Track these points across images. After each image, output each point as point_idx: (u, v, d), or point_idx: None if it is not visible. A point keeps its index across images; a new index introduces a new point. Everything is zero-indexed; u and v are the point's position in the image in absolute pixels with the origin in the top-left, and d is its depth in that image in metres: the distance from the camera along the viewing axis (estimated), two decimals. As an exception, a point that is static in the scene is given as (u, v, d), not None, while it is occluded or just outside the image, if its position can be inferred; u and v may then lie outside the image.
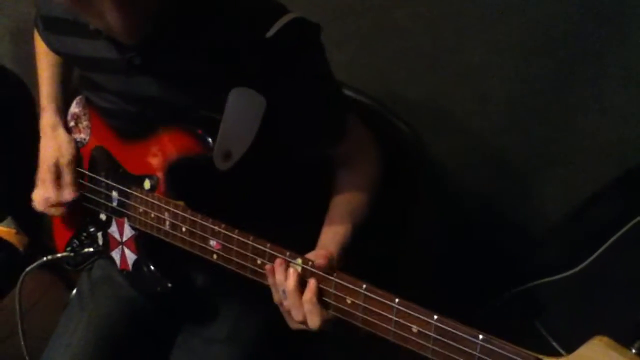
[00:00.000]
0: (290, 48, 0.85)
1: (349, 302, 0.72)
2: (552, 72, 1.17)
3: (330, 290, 0.74)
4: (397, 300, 0.68)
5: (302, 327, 0.80)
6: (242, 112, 0.87)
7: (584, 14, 1.10)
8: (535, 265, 1.14)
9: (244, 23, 0.85)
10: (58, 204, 1.05)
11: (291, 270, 0.78)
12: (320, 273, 0.75)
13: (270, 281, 0.81)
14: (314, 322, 0.77)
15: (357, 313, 0.72)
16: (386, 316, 0.69)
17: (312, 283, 0.76)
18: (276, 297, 0.82)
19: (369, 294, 0.70)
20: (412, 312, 0.67)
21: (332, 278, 0.73)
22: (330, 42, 0.90)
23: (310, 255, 0.81)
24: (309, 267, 0.76)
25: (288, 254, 0.78)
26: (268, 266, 0.81)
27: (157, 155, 0.96)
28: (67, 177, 1.06)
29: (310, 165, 1.01)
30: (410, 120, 1.08)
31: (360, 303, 0.71)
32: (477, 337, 0.61)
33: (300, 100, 0.89)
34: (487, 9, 1.13)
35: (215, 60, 0.87)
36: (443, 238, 1.33)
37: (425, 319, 0.65)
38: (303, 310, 0.77)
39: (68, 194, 1.05)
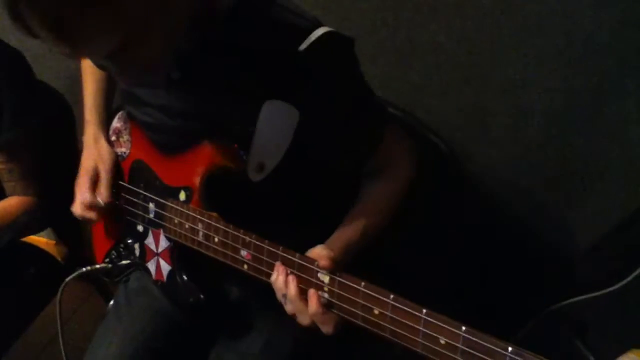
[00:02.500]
0: (323, 61, 0.86)
1: (376, 312, 0.71)
2: (593, 84, 1.14)
3: (358, 300, 0.73)
4: (424, 310, 0.67)
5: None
6: (275, 125, 0.88)
7: (625, 24, 1.07)
8: (574, 282, 1.10)
9: (277, 37, 0.86)
10: (93, 207, 1.08)
11: (290, 277, 0.79)
12: (348, 283, 0.74)
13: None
14: (327, 330, 0.78)
15: (385, 324, 0.71)
16: (414, 327, 0.67)
17: (312, 295, 0.77)
18: (280, 299, 0.82)
19: (396, 304, 0.69)
20: (440, 323, 0.65)
21: (360, 288, 0.72)
22: (364, 56, 0.90)
23: (311, 254, 0.81)
24: (337, 277, 0.76)
25: (316, 264, 0.78)
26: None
27: (193, 168, 0.97)
28: (103, 181, 1.09)
29: (341, 176, 1.01)
30: (445, 135, 1.07)
31: (388, 313, 0.70)
32: (507, 350, 0.59)
33: (334, 113, 0.90)
34: (524, 22, 1.12)
35: (250, 74, 0.88)
36: (477, 253, 1.30)
37: (454, 330, 0.64)
38: (309, 316, 0.78)
39: (102, 196, 1.07)
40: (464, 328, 0.63)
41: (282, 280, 0.81)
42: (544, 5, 1.11)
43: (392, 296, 0.69)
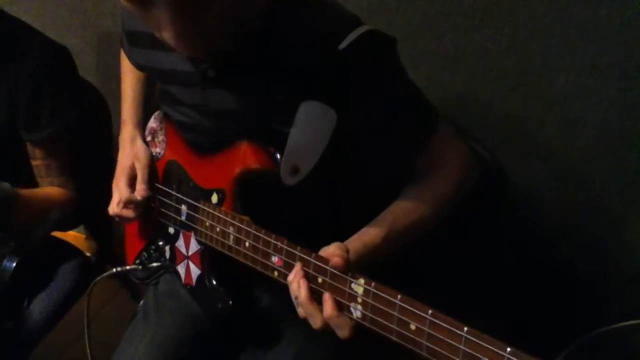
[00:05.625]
0: (363, 60, 0.83)
1: (413, 328, 0.67)
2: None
3: (394, 313, 0.69)
4: (465, 328, 0.62)
5: None
6: (311, 127, 0.85)
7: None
8: (622, 306, 1.04)
9: (316, 35, 0.84)
10: (131, 205, 1.07)
11: (302, 281, 0.78)
12: (384, 295, 0.70)
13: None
14: (342, 334, 0.75)
15: (422, 341, 0.66)
16: (454, 345, 0.63)
17: (327, 298, 0.75)
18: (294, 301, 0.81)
19: (435, 320, 0.64)
20: (482, 343, 0.60)
21: (396, 301, 0.68)
22: (407, 61, 0.87)
23: (323, 251, 0.79)
24: (372, 289, 0.72)
25: (350, 274, 0.74)
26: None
27: (226, 169, 0.95)
28: (140, 177, 1.08)
29: (380, 181, 0.97)
30: (489, 145, 1.02)
31: (426, 329, 0.65)
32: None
33: (374, 114, 0.86)
34: (577, 29, 1.06)
35: (288, 73, 0.86)
36: (520, 270, 1.24)
37: (497, 351, 0.59)
38: (321, 320, 0.76)
39: (140, 191, 1.06)
40: (509, 349, 0.58)
41: (295, 283, 0.79)
42: (601, 13, 1.05)
43: (430, 311, 0.65)
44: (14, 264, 1.17)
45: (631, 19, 1.05)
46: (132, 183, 1.08)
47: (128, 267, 1.16)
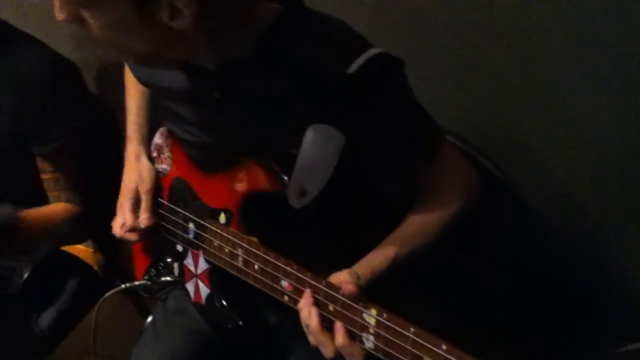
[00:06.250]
0: (372, 84, 0.82)
1: (426, 362, 0.66)
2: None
3: (407, 347, 0.68)
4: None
5: None
6: (319, 150, 0.84)
7: None
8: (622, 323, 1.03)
9: (324, 58, 0.83)
10: (134, 230, 1.07)
11: (313, 309, 0.78)
12: (396, 327, 0.69)
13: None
14: None
15: (436, 375, 0.66)
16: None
17: (339, 327, 0.75)
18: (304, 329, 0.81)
19: (449, 356, 0.64)
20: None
21: (409, 334, 0.68)
22: (418, 77, 0.86)
23: (334, 278, 0.79)
24: (383, 320, 0.71)
25: (361, 303, 0.74)
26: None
27: (233, 189, 0.95)
28: (145, 203, 1.07)
29: (386, 203, 0.96)
30: (499, 162, 1.01)
31: (439, 364, 0.65)
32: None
33: (382, 137, 0.86)
34: (593, 47, 1.03)
35: (294, 95, 0.85)
36: (532, 289, 1.23)
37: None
38: (333, 349, 0.76)
39: (144, 220, 1.06)
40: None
41: (306, 311, 0.79)
42: (622, 30, 1.02)
43: (444, 347, 0.64)
44: (25, 276, 1.17)
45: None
46: (135, 208, 1.07)
47: (137, 283, 1.16)
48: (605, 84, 1.06)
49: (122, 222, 1.06)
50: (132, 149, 1.13)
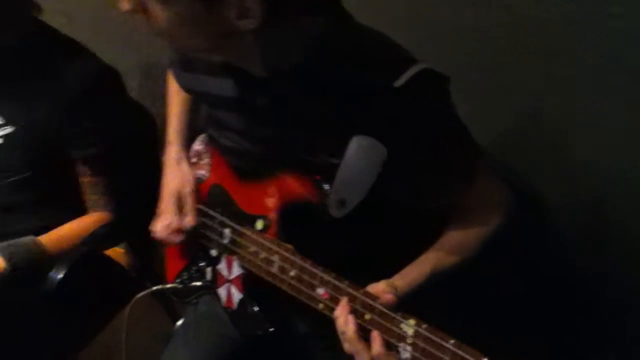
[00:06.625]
0: (418, 100, 0.83)
1: (465, 374, 0.66)
2: None
3: (445, 358, 0.68)
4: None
5: None
6: (361, 161, 0.86)
7: None
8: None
9: (372, 70, 0.84)
10: (178, 231, 1.08)
11: (350, 317, 0.78)
12: (436, 340, 0.70)
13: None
14: None
15: (475, 388, 0.66)
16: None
17: (376, 336, 0.75)
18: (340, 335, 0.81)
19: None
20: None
21: (448, 345, 0.68)
22: (457, 92, 0.87)
23: (372, 288, 0.80)
24: (422, 331, 0.72)
25: (400, 313, 0.74)
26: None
27: (272, 197, 0.96)
28: (189, 204, 1.08)
29: (423, 216, 0.97)
30: (535, 183, 1.01)
31: (478, 378, 0.65)
32: None
33: (424, 152, 0.87)
34: (633, 66, 1.03)
35: (340, 105, 0.86)
36: (564, 311, 1.21)
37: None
38: (369, 358, 0.76)
39: (189, 221, 1.07)
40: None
41: (343, 319, 0.80)
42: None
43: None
44: (61, 276, 1.20)
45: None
46: (180, 209, 1.08)
47: (169, 285, 1.16)
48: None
49: (166, 224, 1.07)
50: (174, 153, 1.15)
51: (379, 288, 0.79)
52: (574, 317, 1.20)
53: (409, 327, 0.73)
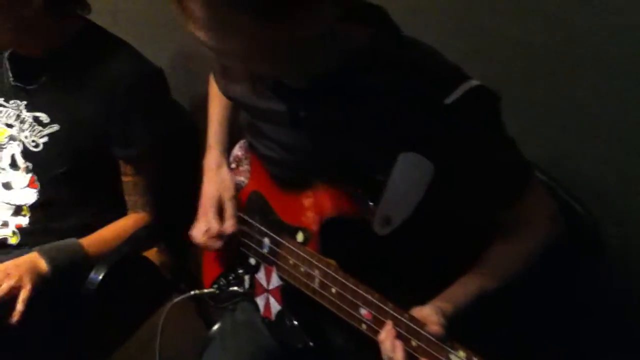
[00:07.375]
0: (469, 117, 0.80)
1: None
2: None
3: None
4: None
5: None
6: (408, 179, 0.84)
7: None
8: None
9: (422, 85, 0.81)
10: (217, 237, 1.07)
11: (397, 342, 0.76)
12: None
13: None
14: None
15: None
16: None
17: None
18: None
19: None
20: None
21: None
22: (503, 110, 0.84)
23: (417, 312, 0.77)
24: (472, 363, 0.69)
25: (448, 343, 0.72)
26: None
27: (314, 209, 0.94)
28: (229, 210, 1.07)
29: (470, 233, 0.95)
30: (587, 201, 0.98)
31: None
32: None
33: (472, 170, 0.84)
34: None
35: (386, 120, 0.84)
36: (618, 341, 1.17)
37: None
38: None
39: (230, 226, 1.06)
40: None
41: (389, 344, 0.78)
42: None
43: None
44: (100, 277, 1.20)
45: None
46: (219, 215, 1.08)
47: (206, 290, 1.16)
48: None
49: (206, 228, 1.06)
50: (214, 157, 1.14)
51: (424, 313, 0.77)
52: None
53: (458, 358, 0.71)
